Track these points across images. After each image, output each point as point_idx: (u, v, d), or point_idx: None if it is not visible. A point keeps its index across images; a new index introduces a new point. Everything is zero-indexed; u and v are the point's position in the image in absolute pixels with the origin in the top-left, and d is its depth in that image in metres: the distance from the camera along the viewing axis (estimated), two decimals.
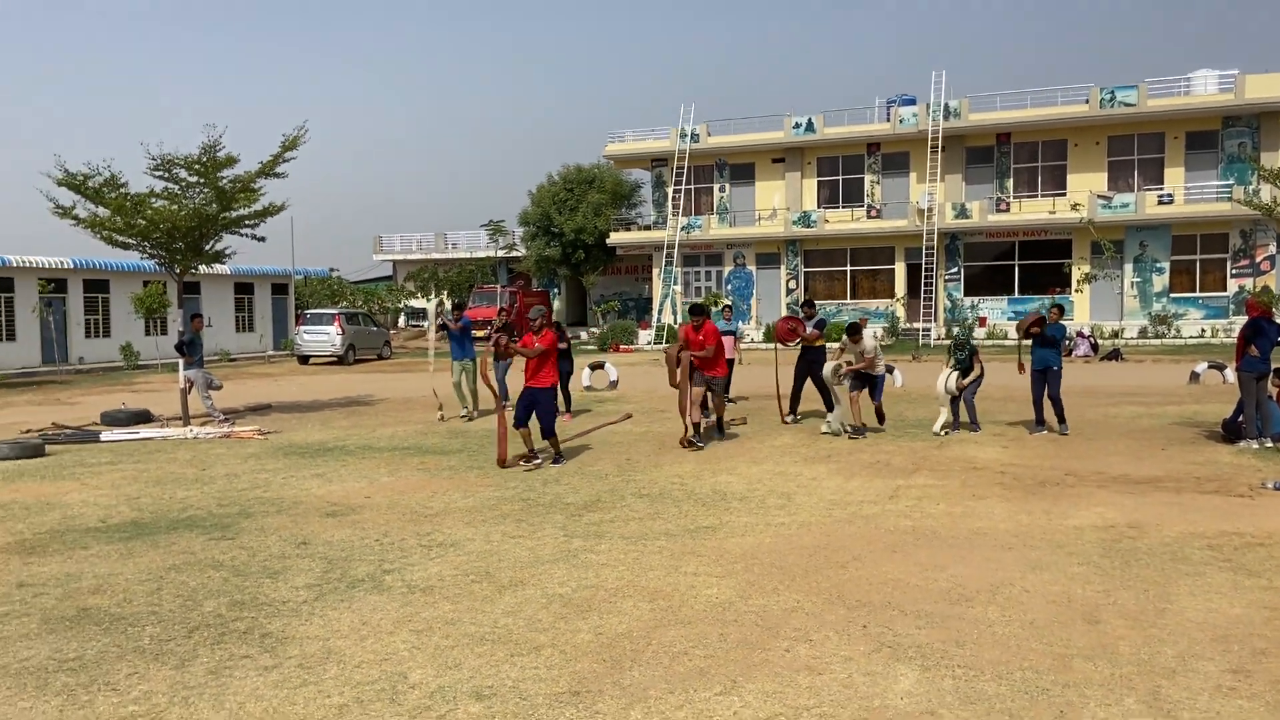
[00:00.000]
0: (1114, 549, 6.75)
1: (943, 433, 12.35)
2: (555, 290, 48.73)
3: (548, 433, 10.63)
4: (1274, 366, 11.00)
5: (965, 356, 12.48)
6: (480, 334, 41.62)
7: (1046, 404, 12.25)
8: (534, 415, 10.56)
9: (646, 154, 41.26)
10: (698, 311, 11.90)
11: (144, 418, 15.61)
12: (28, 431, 14.37)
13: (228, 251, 15.34)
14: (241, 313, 38.23)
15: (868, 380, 12.60)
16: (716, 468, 10.35)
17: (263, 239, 15.48)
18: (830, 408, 12.96)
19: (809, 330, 13.68)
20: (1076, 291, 34.18)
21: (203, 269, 15.72)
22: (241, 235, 15.25)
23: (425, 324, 43.25)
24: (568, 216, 42.48)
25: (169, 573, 6.58)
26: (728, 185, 40.42)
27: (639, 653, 4.91)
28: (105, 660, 4.94)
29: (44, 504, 9.08)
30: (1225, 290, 33.67)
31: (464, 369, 15.30)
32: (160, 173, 13.78)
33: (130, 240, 14.28)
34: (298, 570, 6.59)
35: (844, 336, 12.71)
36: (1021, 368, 12.55)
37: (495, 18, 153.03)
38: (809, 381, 13.77)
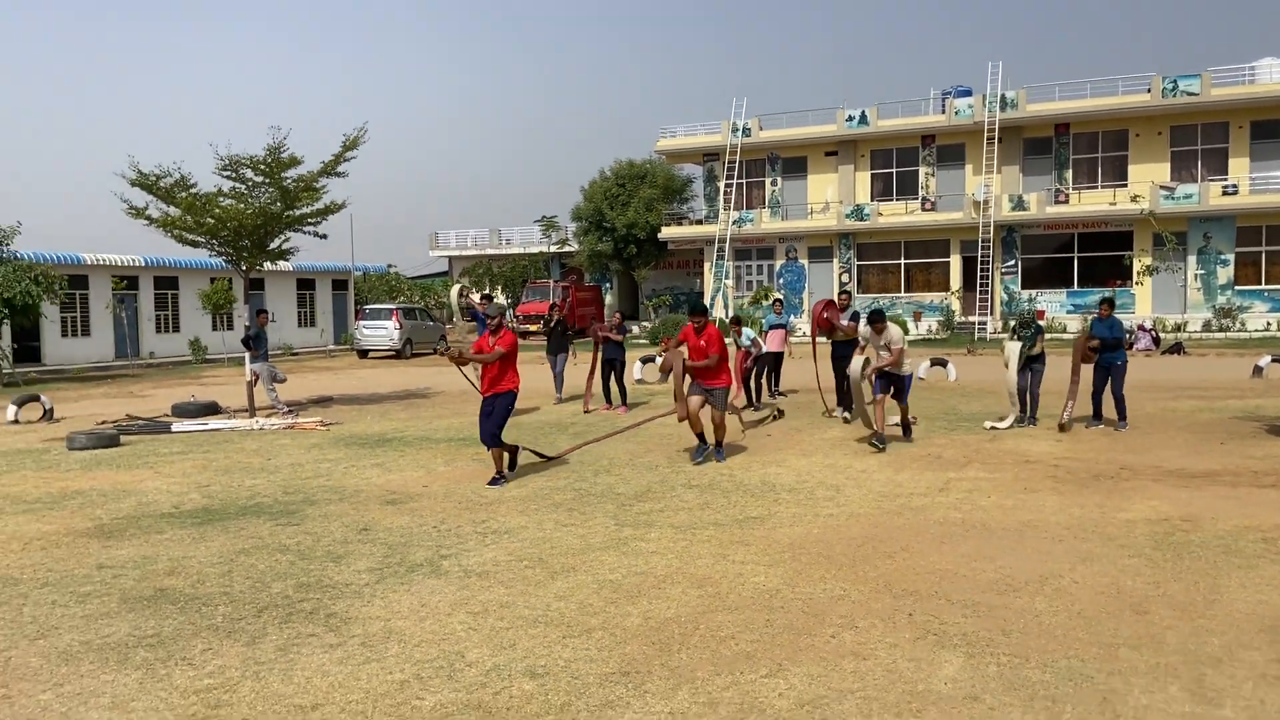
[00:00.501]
0: (1166, 542, 6.73)
1: (999, 425, 12.20)
2: (607, 285, 48.96)
3: (494, 440, 9.32)
4: None
5: (1031, 335, 12.13)
6: (534, 328, 42.05)
7: (1105, 398, 12.13)
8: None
9: (698, 148, 41.29)
10: (698, 312, 10.35)
11: (212, 409, 16.14)
12: (102, 423, 14.92)
13: (291, 249, 15.76)
14: (303, 308, 39.08)
15: (893, 380, 11.18)
16: (766, 460, 10.44)
17: (324, 236, 15.90)
18: (848, 406, 12.77)
19: (844, 322, 13.28)
20: (1138, 284, 33.53)
21: (266, 266, 16.15)
22: (304, 233, 15.66)
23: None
24: (620, 211, 42.65)
25: (239, 556, 6.87)
26: (780, 179, 40.29)
27: (687, 636, 5.05)
28: (181, 637, 5.21)
29: (120, 491, 9.48)
30: None
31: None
32: (228, 173, 14.23)
33: (199, 238, 14.77)
34: (359, 555, 6.84)
35: (864, 325, 11.40)
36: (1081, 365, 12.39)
37: (548, 13, 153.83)
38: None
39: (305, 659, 4.84)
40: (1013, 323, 12.25)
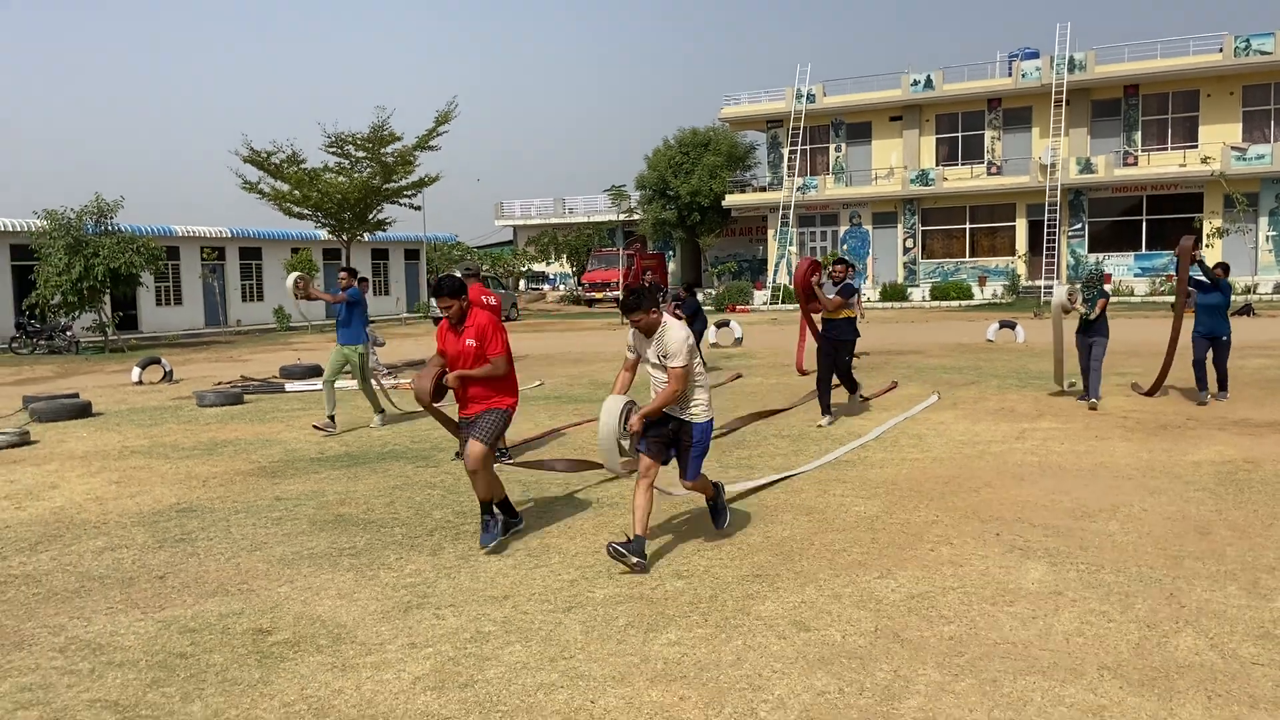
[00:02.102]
0: (1229, 479, 7.38)
1: (1070, 385, 11.97)
2: (671, 252, 49.67)
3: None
4: None
5: (1093, 296, 11.01)
6: (599, 296, 42.82)
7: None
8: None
9: (762, 115, 41.64)
10: (451, 293, 5.93)
11: (316, 371, 17.26)
12: (220, 384, 16.13)
13: (389, 220, 16.76)
14: (378, 277, 40.46)
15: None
16: (848, 416, 11.18)
17: (419, 208, 16.91)
18: (853, 390, 10.94)
19: (830, 296, 10.27)
20: (1208, 246, 33.34)
21: (343, 236, 17.16)
22: (400, 205, 16.65)
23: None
24: (683, 179, 43.26)
25: (395, 490, 7.85)
26: (844, 145, 40.52)
27: (804, 550, 5.88)
28: (373, 549, 6.17)
29: (265, 441, 10.56)
30: None
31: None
32: (334, 149, 15.24)
33: (306, 211, 15.83)
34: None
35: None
36: (1186, 299, 11.29)
37: None
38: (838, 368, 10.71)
39: (484, 565, 5.76)
40: (1080, 281, 11.11)
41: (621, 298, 5.82)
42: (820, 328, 10.79)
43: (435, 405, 6.16)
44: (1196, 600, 4.85)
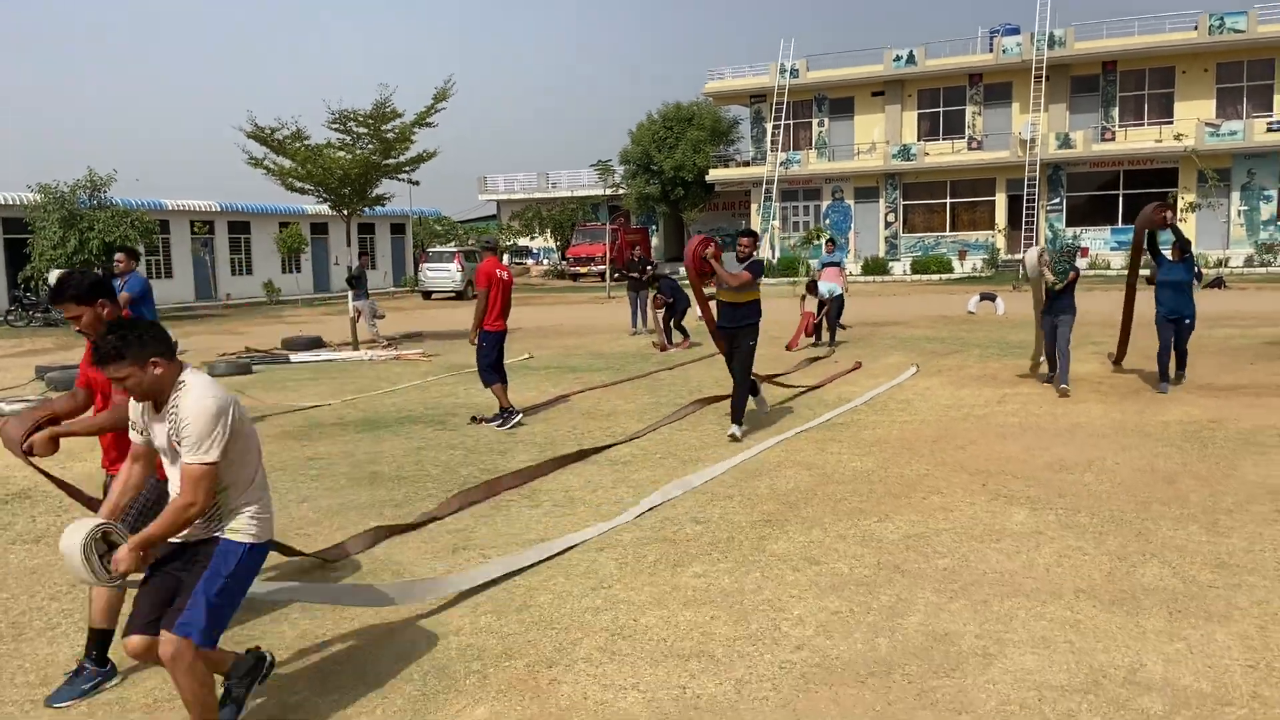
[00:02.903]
0: (1195, 436, 8.01)
1: (1040, 371, 11.33)
2: (654, 227, 50.05)
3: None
4: None
5: (1065, 268, 10.33)
6: (583, 270, 43.12)
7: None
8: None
9: (745, 90, 41.99)
10: (72, 296, 4.01)
11: (318, 343, 17.70)
12: (224, 355, 16.52)
13: (387, 195, 17.14)
14: (366, 252, 40.62)
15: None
16: (839, 382, 11.76)
17: (417, 183, 17.29)
18: (754, 393, 9.26)
19: (727, 271, 8.55)
20: (1181, 220, 34.11)
21: (329, 210, 17.51)
22: (399, 180, 17.03)
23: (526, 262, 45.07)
24: (667, 154, 43.60)
25: (419, 451, 8.36)
26: (826, 120, 40.97)
27: (808, 499, 6.45)
28: (411, 501, 6.69)
29: (286, 406, 11.02)
30: None
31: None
32: (336, 126, 15.60)
33: (308, 186, 16.19)
34: (518, 450, 8.29)
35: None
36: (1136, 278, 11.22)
37: None
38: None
39: (516, 516, 6.30)
40: (1054, 253, 10.58)
41: (98, 344, 3.35)
42: (717, 315, 8.81)
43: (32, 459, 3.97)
44: (1161, 537, 5.46)
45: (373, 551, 5.60)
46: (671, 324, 16.25)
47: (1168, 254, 10.57)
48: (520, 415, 9.59)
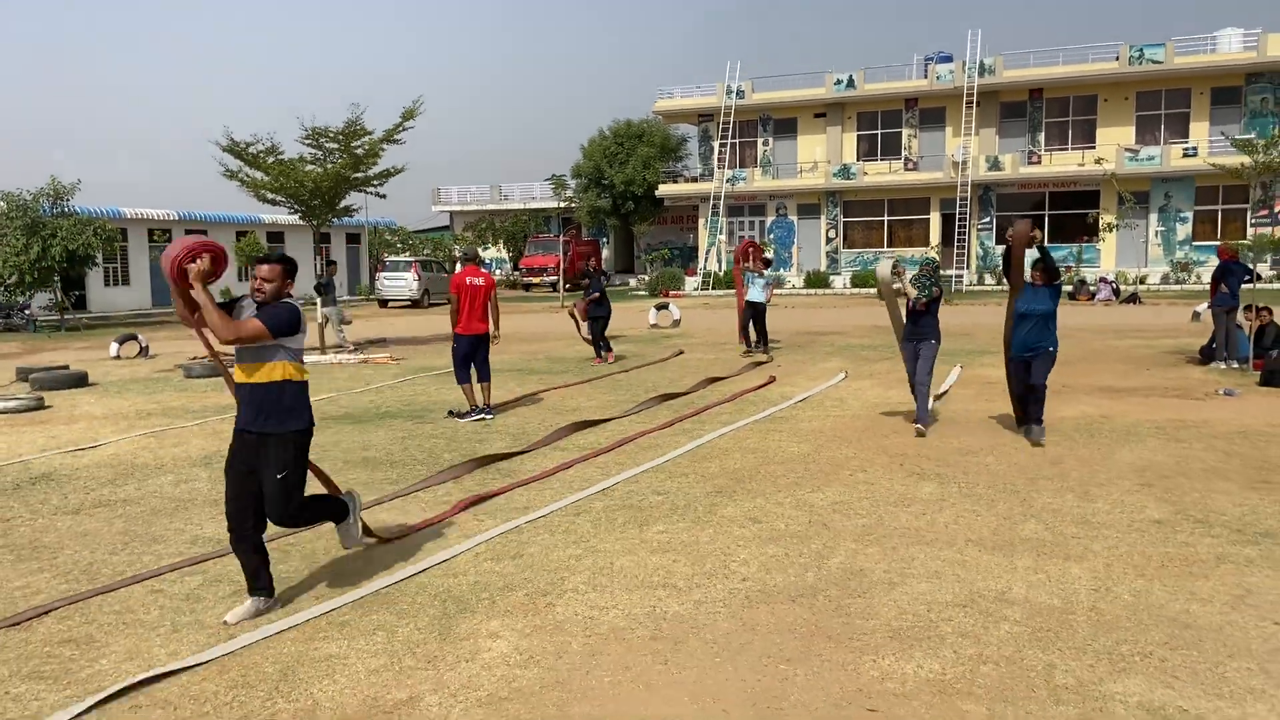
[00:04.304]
0: (1085, 429, 9.24)
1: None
2: (604, 239, 51.14)
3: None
4: (1242, 304, 13.30)
5: (928, 286, 9.06)
6: (535, 280, 43.94)
7: None
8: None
9: (694, 109, 43.33)
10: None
11: None
12: (195, 358, 17.16)
13: (355, 207, 17.96)
14: (334, 260, 41.14)
15: None
16: (782, 383, 12.88)
17: (384, 196, 18.11)
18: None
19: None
20: (1101, 240, 36.11)
21: (284, 218, 18.28)
22: (367, 193, 17.86)
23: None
24: (618, 169, 44.79)
25: (404, 440, 9.27)
26: (771, 139, 42.45)
27: (753, 476, 7.51)
28: (405, 480, 7.62)
29: None
30: (1246, 238, 35.39)
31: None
32: (309, 141, 16.41)
33: (279, 198, 16.95)
34: (494, 439, 9.24)
35: None
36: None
37: None
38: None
39: (497, 488, 7.26)
40: (916, 269, 9.29)
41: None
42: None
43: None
44: (1042, 503, 6.61)
45: (380, 517, 6.53)
46: (601, 335, 15.68)
47: (1030, 278, 8.81)
48: (488, 415, 10.47)
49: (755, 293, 16.10)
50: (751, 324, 16.12)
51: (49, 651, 4.39)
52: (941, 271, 8.58)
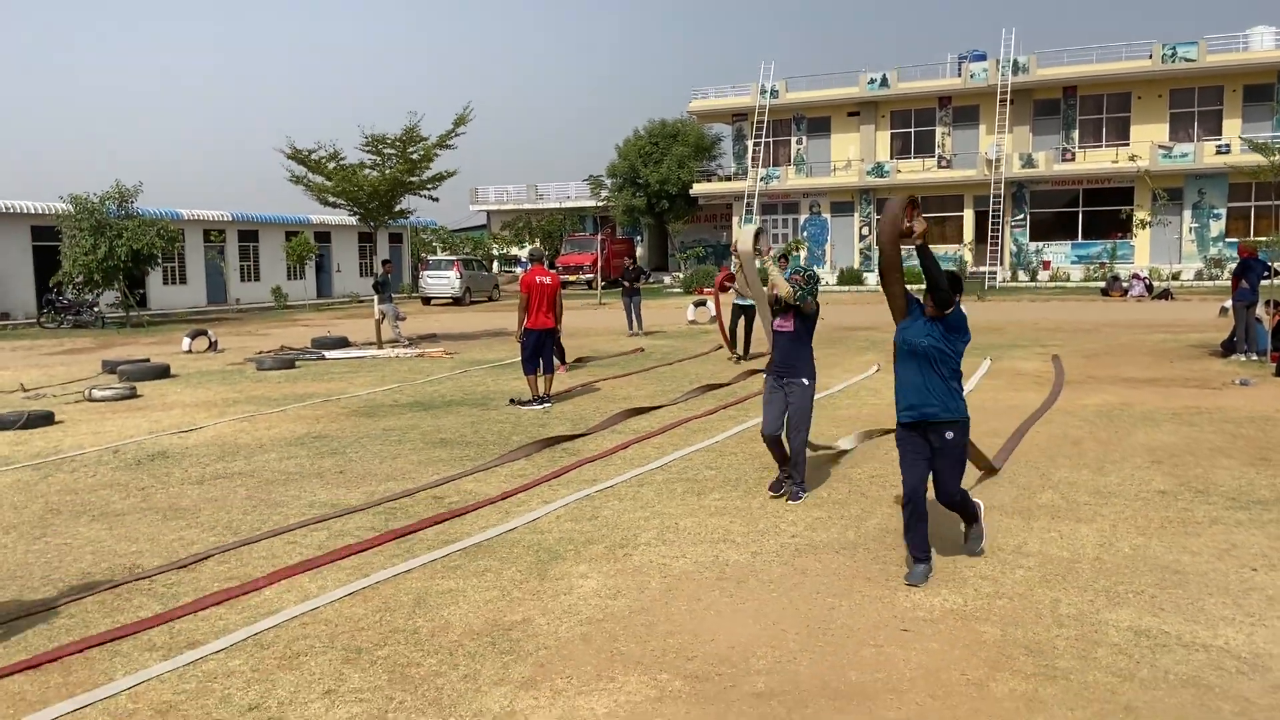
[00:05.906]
0: (1105, 414, 9.93)
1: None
2: (639, 237, 51.97)
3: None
4: (1262, 299, 13.87)
5: (802, 293, 6.86)
6: (572, 279, 44.94)
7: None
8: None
9: (728, 109, 44.03)
10: None
11: (344, 343, 19.42)
12: (263, 352, 18.20)
13: (410, 209, 18.91)
14: (364, 259, 42.33)
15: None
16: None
17: (437, 199, 19.07)
18: None
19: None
20: (1134, 236, 36.40)
21: (331, 219, 19.23)
22: (421, 196, 18.81)
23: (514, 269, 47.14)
24: (653, 168, 45.57)
25: (474, 424, 10.14)
26: (805, 138, 43.06)
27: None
28: (482, 457, 8.48)
29: (341, 393, 12.76)
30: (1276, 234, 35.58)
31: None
32: (369, 148, 17.38)
33: (340, 201, 17.94)
34: (555, 425, 10.08)
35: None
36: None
37: None
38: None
39: (568, 464, 8.10)
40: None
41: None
42: None
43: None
44: (1058, 477, 7.35)
45: (466, 486, 7.39)
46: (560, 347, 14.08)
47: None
48: (548, 403, 11.32)
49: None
50: (740, 328, 15.44)
51: (217, 586, 5.29)
52: (820, 285, 7.40)
